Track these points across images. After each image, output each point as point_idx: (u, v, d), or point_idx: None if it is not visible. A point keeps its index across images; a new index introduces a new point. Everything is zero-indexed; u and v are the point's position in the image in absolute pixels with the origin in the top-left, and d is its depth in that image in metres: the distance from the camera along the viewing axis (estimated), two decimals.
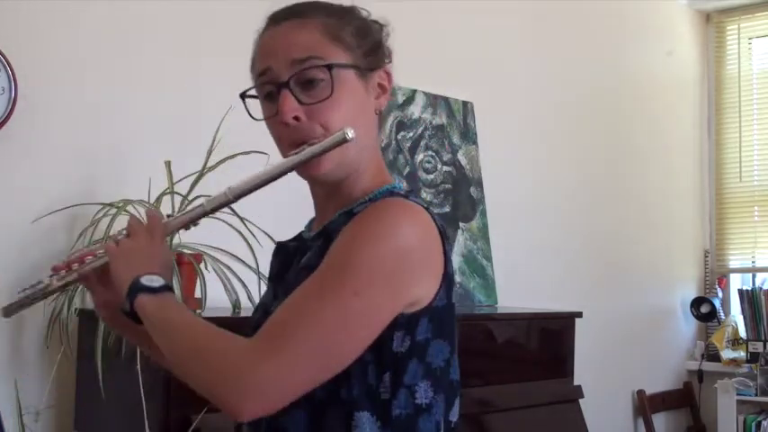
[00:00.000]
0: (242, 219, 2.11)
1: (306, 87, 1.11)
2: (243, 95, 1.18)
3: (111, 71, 2.34)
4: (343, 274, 1.02)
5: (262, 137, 1.22)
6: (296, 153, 1.11)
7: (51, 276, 1.26)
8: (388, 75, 1.21)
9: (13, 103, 2.11)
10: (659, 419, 4.04)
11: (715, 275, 4.42)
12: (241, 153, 2.09)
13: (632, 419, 3.98)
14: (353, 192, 1.17)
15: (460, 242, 3.12)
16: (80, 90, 2.28)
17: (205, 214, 1.20)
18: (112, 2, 2.35)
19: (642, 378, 3.97)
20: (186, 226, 1.24)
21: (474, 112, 3.29)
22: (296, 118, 1.11)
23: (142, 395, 1.88)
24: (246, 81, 1.21)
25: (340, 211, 1.16)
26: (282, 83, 1.11)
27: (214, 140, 2.15)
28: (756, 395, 3.89)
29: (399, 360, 1.06)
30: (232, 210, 2.11)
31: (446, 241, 1.11)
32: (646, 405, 3.92)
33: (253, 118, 1.18)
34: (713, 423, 4.02)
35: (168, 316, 1.09)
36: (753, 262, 4.39)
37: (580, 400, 2.78)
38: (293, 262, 1.20)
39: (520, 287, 3.31)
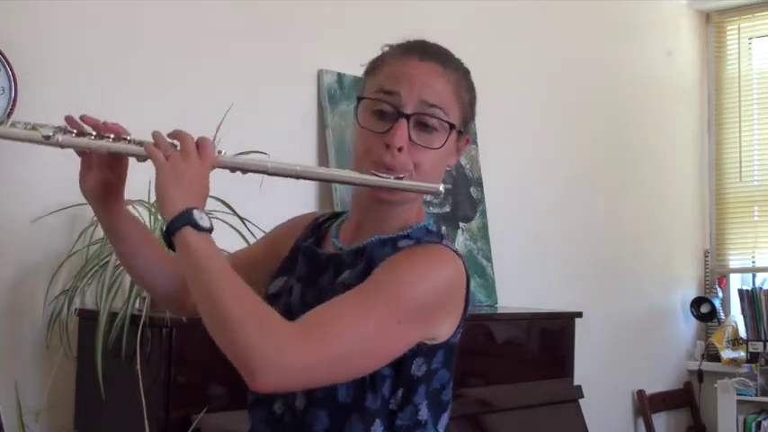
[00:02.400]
0: (242, 219, 2.11)
1: (420, 128, 1.21)
2: (360, 98, 1.26)
3: (112, 71, 2.34)
4: (390, 301, 1.12)
5: (262, 137, 1.23)
6: (383, 176, 1.20)
7: (58, 129, 1.23)
8: (468, 141, 1.33)
9: (13, 103, 2.11)
10: (659, 419, 4.04)
11: (715, 275, 4.41)
12: (241, 153, 2.08)
13: (632, 419, 3.98)
14: (396, 222, 1.26)
15: (460, 242, 3.12)
16: (80, 90, 2.28)
17: (263, 171, 1.21)
18: (113, 2, 2.35)
19: (642, 378, 3.97)
20: (234, 170, 1.24)
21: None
22: (400, 148, 1.20)
23: (142, 395, 1.88)
24: (246, 84, 1.21)
25: (379, 237, 1.25)
26: (406, 114, 1.20)
27: (214, 140, 2.15)
28: (756, 395, 3.89)
29: (414, 382, 1.19)
30: (232, 210, 2.12)
31: (469, 286, 1.24)
32: (646, 405, 3.92)
33: (358, 123, 1.24)
34: (713, 423, 4.02)
35: (213, 265, 1.08)
36: (753, 262, 4.38)
37: (580, 400, 2.78)
38: (326, 271, 1.27)
39: (520, 287, 3.31)
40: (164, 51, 2.43)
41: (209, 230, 1.11)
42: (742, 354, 4.03)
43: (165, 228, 1.12)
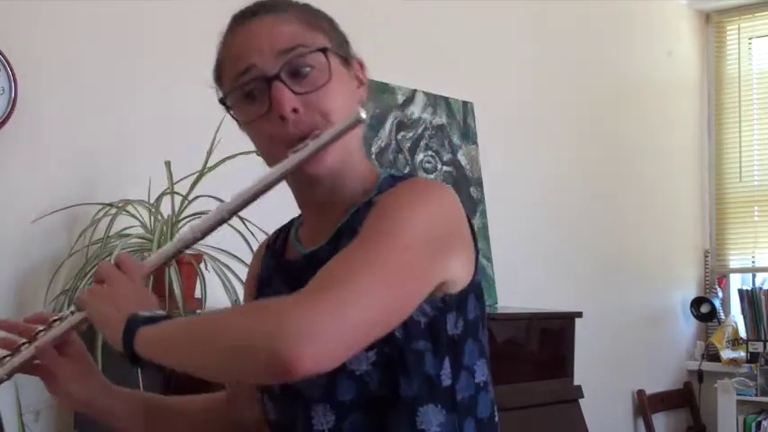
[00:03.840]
0: (242, 219, 2.11)
1: (296, 77, 1.05)
2: (223, 101, 1.12)
3: (111, 71, 2.34)
4: (393, 231, 0.96)
5: None
6: (300, 149, 1.03)
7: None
8: (362, 66, 1.15)
9: (13, 103, 2.11)
10: (659, 419, 4.03)
11: (715, 275, 4.41)
12: (241, 153, 2.08)
13: (632, 419, 3.97)
14: (354, 188, 1.10)
15: None
16: (80, 90, 2.28)
17: (193, 241, 1.11)
18: (113, 2, 2.34)
19: (642, 378, 3.97)
20: (168, 261, 1.17)
21: (474, 112, 3.29)
22: (295, 110, 1.04)
23: None
24: None
25: (353, 209, 1.09)
26: (272, 76, 1.04)
27: (214, 140, 2.15)
28: (756, 395, 3.89)
29: (456, 342, 1.04)
30: None
31: (471, 221, 1.09)
32: (646, 405, 3.92)
33: (238, 122, 1.12)
34: (713, 423, 4.02)
35: (183, 326, 1.01)
36: (753, 262, 4.39)
37: (580, 400, 2.78)
38: (305, 276, 1.00)
39: (520, 287, 3.30)
40: (164, 51, 2.43)
41: (164, 318, 1.02)
42: (742, 354, 4.03)
43: (125, 354, 1.01)
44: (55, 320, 1.14)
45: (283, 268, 1.17)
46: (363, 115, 1.01)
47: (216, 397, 1.31)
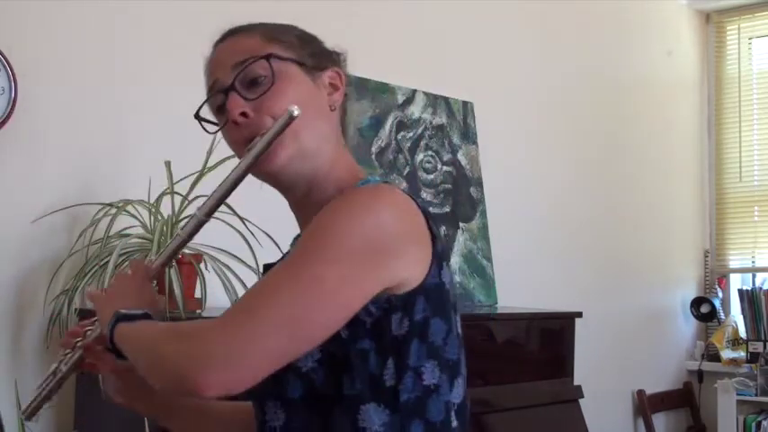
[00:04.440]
0: (242, 219, 2.11)
1: (251, 86, 1.13)
2: (197, 116, 1.19)
3: (111, 71, 2.34)
4: (314, 250, 1.00)
5: None
6: (251, 147, 1.11)
7: (60, 362, 1.28)
8: (340, 74, 1.21)
9: (13, 103, 2.11)
10: (659, 419, 4.03)
11: (715, 275, 4.41)
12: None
13: (632, 419, 3.97)
14: (327, 191, 1.14)
15: (460, 242, 3.12)
16: (80, 90, 2.28)
17: (184, 243, 1.22)
18: (112, 2, 2.35)
19: (642, 378, 3.97)
20: (169, 261, 1.27)
21: (474, 112, 3.29)
22: (243, 114, 1.12)
23: None
24: None
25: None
26: (227, 87, 1.13)
27: (214, 140, 2.14)
28: (756, 395, 3.89)
29: (401, 343, 1.05)
30: (232, 210, 2.11)
31: (431, 221, 1.09)
32: (646, 405, 3.92)
33: (208, 132, 1.21)
34: (713, 423, 4.02)
35: (142, 330, 1.10)
36: (753, 262, 4.39)
37: (580, 400, 2.78)
38: None
39: (520, 287, 3.30)
40: (164, 51, 2.43)
41: (146, 317, 1.13)
42: (742, 354, 4.03)
43: (109, 347, 1.14)
44: (85, 333, 1.27)
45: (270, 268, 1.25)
46: (296, 112, 1.07)
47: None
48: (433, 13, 3.16)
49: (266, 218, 2.10)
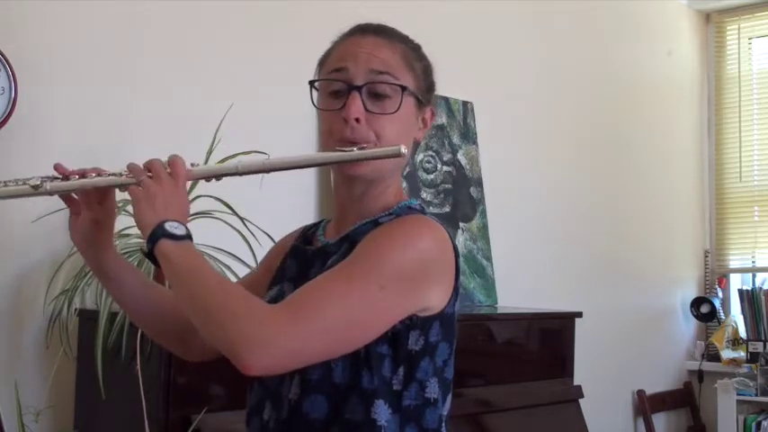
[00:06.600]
0: (242, 218, 2.11)
1: (374, 98, 1.23)
2: (312, 83, 1.29)
3: (112, 71, 2.34)
4: (372, 269, 1.12)
5: (261, 137, 1.23)
6: (346, 150, 1.21)
7: (46, 178, 1.31)
8: (433, 114, 1.33)
9: (13, 103, 2.11)
10: (659, 419, 4.04)
11: (715, 275, 4.42)
12: (241, 153, 2.09)
13: (632, 419, 3.98)
14: (376, 204, 1.27)
15: (460, 242, 3.12)
16: (80, 90, 2.28)
17: (234, 173, 1.25)
18: (113, 2, 2.35)
19: (642, 378, 3.97)
20: (209, 178, 1.29)
21: (474, 112, 3.29)
22: (357, 120, 1.21)
23: (142, 395, 1.88)
24: (245, 83, 1.21)
25: (363, 221, 1.25)
26: (356, 86, 1.22)
27: (214, 140, 2.15)
28: (756, 395, 3.89)
29: (413, 357, 1.17)
30: (232, 210, 2.12)
31: (458, 256, 1.22)
32: (646, 405, 3.92)
33: (315, 106, 1.28)
34: (713, 423, 4.02)
35: (193, 265, 1.13)
36: (753, 262, 4.39)
37: (580, 400, 2.78)
38: (314, 265, 1.27)
39: (520, 287, 3.31)
40: (164, 51, 2.43)
41: (186, 238, 1.16)
42: (742, 354, 4.03)
43: (147, 251, 1.16)
44: (107, 173, 1.31)
45: (301, 252, 1.33)
46: (403, 151, 1.20)
47: None
48: (433, 13, 3.16)
49: (266, 218, 2.10)
